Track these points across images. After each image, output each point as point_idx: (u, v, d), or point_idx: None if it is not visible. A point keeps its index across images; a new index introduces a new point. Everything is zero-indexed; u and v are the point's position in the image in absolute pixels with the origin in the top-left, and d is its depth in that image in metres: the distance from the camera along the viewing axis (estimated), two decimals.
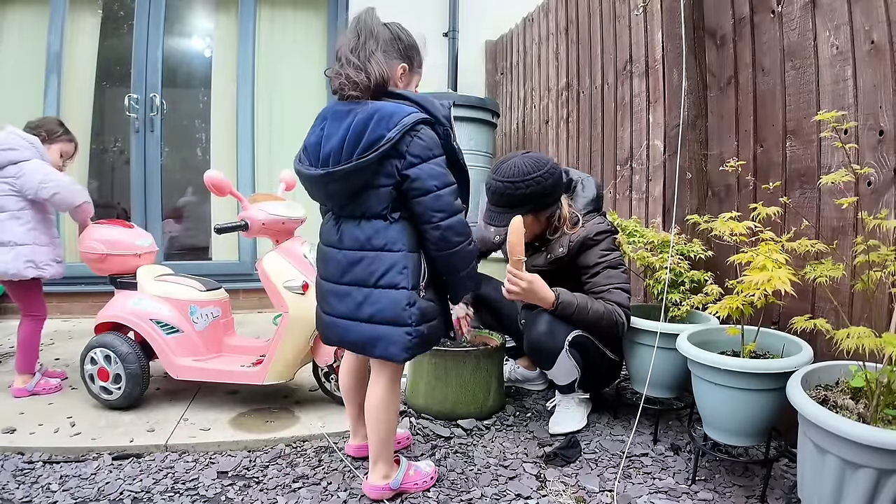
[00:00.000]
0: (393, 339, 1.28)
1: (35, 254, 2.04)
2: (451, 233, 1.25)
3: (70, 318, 3.39)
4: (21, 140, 2.04)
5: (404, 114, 1.23)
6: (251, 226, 1.83)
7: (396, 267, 1.27)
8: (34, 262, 2.03)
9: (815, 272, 1.37)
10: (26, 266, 2.01)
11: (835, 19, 1.57)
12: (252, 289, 3.60)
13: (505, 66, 3.98)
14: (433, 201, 1.23)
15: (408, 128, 1.21)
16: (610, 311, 1.68)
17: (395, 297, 1.27)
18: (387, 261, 1.27)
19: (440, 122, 1.27)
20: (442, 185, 1.24)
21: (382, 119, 1.21)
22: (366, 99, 1.28)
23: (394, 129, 1.21)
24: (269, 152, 3.88)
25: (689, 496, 1.44)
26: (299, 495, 1.44)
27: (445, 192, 1.24)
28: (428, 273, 1.31)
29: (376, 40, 1.29)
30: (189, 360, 1.93)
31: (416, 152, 1.23)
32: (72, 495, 1.42)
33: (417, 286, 1.29)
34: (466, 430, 1.83)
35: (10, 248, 1.99)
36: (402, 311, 1.27)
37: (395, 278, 1.27)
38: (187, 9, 3.91)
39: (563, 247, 1.80)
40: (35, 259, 2.03)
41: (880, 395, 1.14)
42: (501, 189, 1.74)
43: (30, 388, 2.06)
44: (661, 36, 2.20)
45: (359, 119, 1.23)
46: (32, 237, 2.04)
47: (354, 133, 1.23)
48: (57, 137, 2.20)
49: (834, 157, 1.58)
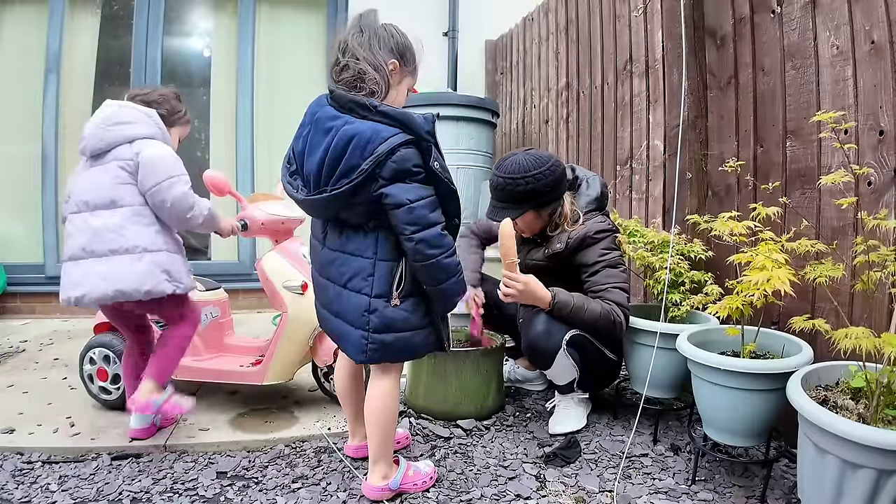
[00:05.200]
0: (352, 339, 1.32)
1: (169, 262, 1.55)
2: (423, 245, 1.23)
3: (69, 318, 3.39)
4: (137, 112, 1.59)
5: (380, 140, 1.20)
6: (250, 225, 1.83)
7: (362, 273, 1.30)
8: (169, 272, 1.54)
9: (814, 272, 1.37)
10: (163, 278, 1.52)
11: (835, 19, 1.57)
12: (251, 289, 3.60)
13: (505, 66, 3.98)
14: (406, 214, 1.22)
15: (382, 156, 1.20)
16: (608, 311, 1.68)
17: (357, 302, 1.30)
18: (354, 266, 1.31)
19: (423, 139, 1.24)
20: (416, 198, 1.23)
21: (358, 147, 1.20)
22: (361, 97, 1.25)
23: (368, 159, 1.19)
24: (269, 152, 3.87)
25: (689, 496, 1.44)
26: (298, 496, 1.44)
27: (419, 206, 1.23)
28: (407, 284, 1.30)
29: (379, 39, 1.30)
30: (188, 360, 1.93)
31: (387, 175, 1.21)
32: (71, 495, 1.42)
33: (386, 295, 1.29)
34: (466, 431, 1.83)
35: (138, 255, 1.50)
36: (361, 316, 1.30)
37: (359, 284, 1.30)
38: (187, 8, 3.91)
39: (560, 243, 1.81)
40: (171, 269, 1.55)
41: (880, 395, 1.14)
42: (503, 185, 1.75)
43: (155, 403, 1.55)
44: (661, 36, 2.20)
45: (336, 142, 1.22)
46: (163, 241, 1.56)
47: (332, 157, 1.23)
48: (179, 118, 1.74)
49: (834, 157, 1.58)
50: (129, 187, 1.53)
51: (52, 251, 3.52)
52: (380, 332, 1.30)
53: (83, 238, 1.51)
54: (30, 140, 3.53)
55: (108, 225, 1.51)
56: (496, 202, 1.81)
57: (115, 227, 1.50)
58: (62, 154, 3.55)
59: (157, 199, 1.53)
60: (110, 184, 1.52)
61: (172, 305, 1.63)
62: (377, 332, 1.29)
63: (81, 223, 1.53)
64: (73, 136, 3.63)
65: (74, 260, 1.52)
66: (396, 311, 1.30)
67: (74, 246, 1.52)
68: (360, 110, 1.24)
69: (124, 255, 1.50)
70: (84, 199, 1.54)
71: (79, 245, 1.51)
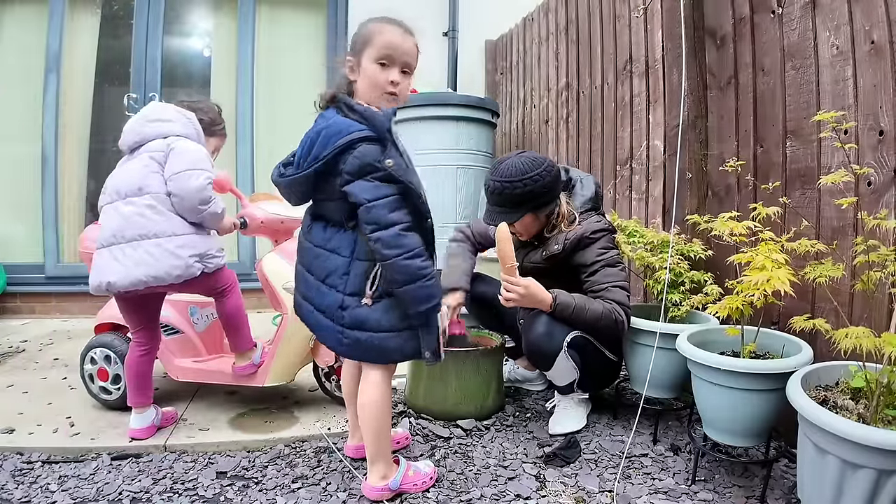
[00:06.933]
0: (330, 332, 1.36)
1: (199, 244, 1.62)
2: (380, 245, 1.24)
3: (69, 318, 3.39)
4: (175, 112, 1.66)
5: (344, 133, 1.24)
6: (250, 223, 1.83)
7: (338, 271, 1.33)
8: (200, 254, 1.61)
9: (814, 272, 1.37)
10: (193, 261, 1.58)
11: (835, 19, 1.57)
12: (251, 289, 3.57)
13: (505, 66, 3.98)
14: (364, 213, 1.25)
15: (340, 148, 1.24)
16: (609, 311, 1.68)
17: (332, 298, 1.34)
18: (332, 263, 1.34)
19: (382, 137, 1.26)
20: (373, 198, 1.24)
21: (323, 139, 1.26)
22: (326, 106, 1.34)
23: (328, 148, 1.25)
24: (269, 152, 3.87)
25: (689, 496, 1.44)
26: (298, 496, 1.44)
27: (377, 205, 1.24)
28: (382, 285, 1.31)
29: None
30: (188, 360, 1.93)
31: (350, 170, 1.25)
32: (71, 495, 1.42)
33: (359, 294, 1.32)
34: (466, 431, 1.83)
35: (167, 239, 1.55)
36: (335, 311, 1.33)
37: (335, 280, 1.33)
38: (187, 8, 3.91)
39: (558, 244, 1.80)
40: (200, 251, 1.61)
41: (880, 395, 1.14)
42: (500, 189, 1.74)
43: (256, 360, 1.80)
44: (661, 36, 2.20)
45: (311, 134, 1.30)
46: (189, 224, 1.62)
47: (307, 147, 1.30)
48: (219, 130, 1.83)
49: (834, 157, 1.58)
50: (157, 176, 1.58)
51: (51, 251, 3.52)
52: (352, 328, 1.32)
53: (114, 224, 1.57)
54: (30, 140, 3.53)
55: (137, 211, 1.56)
56: (493, 207, 1.80)
57: (142, 212, 1.56)
58: (62, 154, 3.55)
59: (177, 185, 1.57)
60: (141, 173, 1.58)
61: (210, 283, 1.70)
62: (350, 329, 1.32)
63: (114, 212, 1.59)
64: (73, 136, 3.67)
65: (107, 246, 1.57)
66: (368, 311, 1.31)
67: (107, 233, 1.58)
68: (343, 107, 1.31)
69: (153, 239, 1.55)
70: (117, 189, 1.61)
71: (110, 232, 1.57)
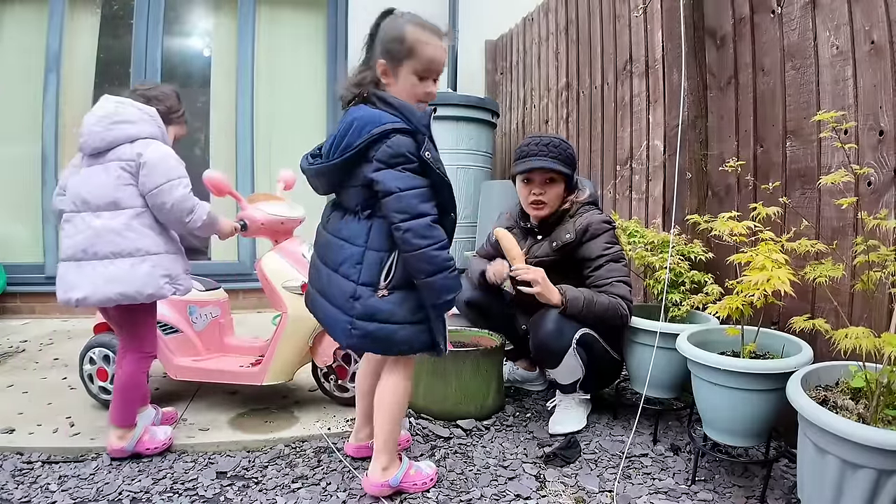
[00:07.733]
0: (339, 323, 1.35)
1: (170, 265, 1.56)
2: (410, 234, 1.25)
3: (69, 318, 3.39)
4: (137, 111, 1.56)
5: (377, 123, 1.26)
6: (250, 225, 1.83)
7: (351, 260, 1.33)
8: (170, 275, 1.55)
9: (814, 272, 1.37)
10: (164, 282, 1.53)
11: (835, 19, 1.57)
12: (251, 289, 3.60)
13: (505, 66, 3.98)
14: (395, 202, 1.25)
15: (375, 137, 1.25)
16: (615, 304, 1.71)
17: (344, 287, 1.33)
18: (346, 252, 1.34)
19: (418, 131, 1.29)
20: (406, 187, 1.25)
21: (357, 128, 1.28)
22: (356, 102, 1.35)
23: (362, 137, 1.26)
24: (269, 152, 3.88)
25: (689, 496, 1.44)
26: (298, 496, 1.43)
27: (408, 195, 1.25)
28: (397, 276, 1.31)
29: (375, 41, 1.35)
30: (188, 360, 1.93)
31: (381, 158, 1.26)
32: (71, 495, 1.42)
33: (373, 284, 1.31)
34: (466, 431, 1.82)
35: (141, 259, 1.50)
36: (347, 301, 1.32)
37: (349, 270, 1.33)
38: (187, 8, 3.91)
39: (569, 232, 1.84)
40: (171, 272, 1.55)
41: (880, 395, 1.14)
42: (557, 142, 1.85)
43: (128, 447, 1.58)
44: (661, 36, 2.20)
45: (343, 124, 1.31)
46: (164, 243, 1.56)
47: (339, 136, 1.31)
48: (178, 118, 1.73)
49: (834, 157, 1.58)
50: (130, 188, 1.52)
51: (52, 251, 3.52)
52: (363, 319, 1.31)
53: (83, 239, 1.50)
54: (30, 140, 3.53)
55: (110, 227, 1.50)
56: (544, 158, 1.82)
57: (117, 230, 1.50)
58: (62, 154, 3.55)
59: (158, 201, 1.52)
60: (113, 185, 1.51)
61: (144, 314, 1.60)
62: (361, 320, 1.31)
63: (81, 223, 1.51)
64: (73, 136, 3.63)
65: (75, 261, 1.51)
66: (381, 302, 1.31)
67: (74, 246, 1.51)
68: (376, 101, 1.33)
69: (127, 258, 1.50)
70: (84, 199, 1.52)
71: (79, 246, 1.50)
